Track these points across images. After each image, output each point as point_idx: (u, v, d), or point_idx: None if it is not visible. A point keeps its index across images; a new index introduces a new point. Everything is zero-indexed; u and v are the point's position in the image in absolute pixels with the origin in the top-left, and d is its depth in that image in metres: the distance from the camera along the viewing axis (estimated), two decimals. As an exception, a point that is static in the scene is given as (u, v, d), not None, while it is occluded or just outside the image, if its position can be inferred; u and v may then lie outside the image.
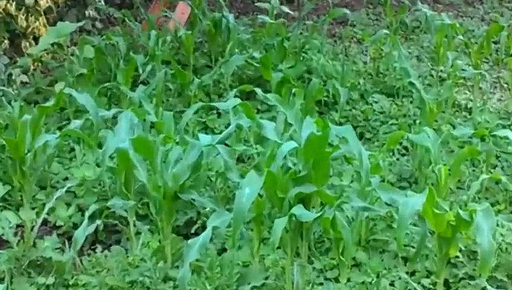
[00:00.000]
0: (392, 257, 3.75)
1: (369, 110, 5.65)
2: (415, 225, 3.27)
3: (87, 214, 3.43)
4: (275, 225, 3.01)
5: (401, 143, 5.00)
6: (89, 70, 5.30)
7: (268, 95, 4.05)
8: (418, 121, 5.10)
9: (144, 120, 4.01)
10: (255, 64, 5.40)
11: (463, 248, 3.72)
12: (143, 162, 3.56)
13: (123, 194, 3.60)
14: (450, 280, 3.63)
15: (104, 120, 4.19)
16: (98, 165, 4.29)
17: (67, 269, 3.57)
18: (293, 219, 3.14)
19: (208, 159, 3.60)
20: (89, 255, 3.80)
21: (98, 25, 7.52)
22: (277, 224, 3.01)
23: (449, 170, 4.06)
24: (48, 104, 3.80)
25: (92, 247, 3.93)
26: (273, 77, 5.07)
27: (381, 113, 5.70)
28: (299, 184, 3.26)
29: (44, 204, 4.01)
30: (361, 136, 5.51)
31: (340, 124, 5.60)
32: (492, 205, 3.74)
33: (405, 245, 3.67)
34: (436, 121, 4.95)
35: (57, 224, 4.15)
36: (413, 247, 3.70)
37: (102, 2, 7.48)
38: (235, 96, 4.66)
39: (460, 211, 3.02)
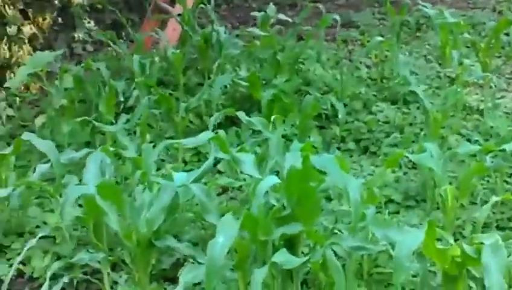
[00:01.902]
0: (399, 291, 3.38)
1: (373, 121, 5.27)
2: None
3: (48, 275, 3.07)
4: (253, 276, 2.64)
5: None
6: (70, 101, 4.97)
7: (253, 119, 3.68)
8: (423, 133, 4.69)
9: (119, 158, 3.66)
10: (243, 83, 5.01)
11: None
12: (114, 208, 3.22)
13: (93, 244, 3.26)
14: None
15: (77, 162, 3.81)
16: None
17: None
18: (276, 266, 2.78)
19: (185, 199, 3.24)
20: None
21: (89, 48, 7.24)
22: (256, 276, 2.64)
23: (457, 188, 3.67)
24: (6, 151, 3.46)
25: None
26: (263, 96, 4.69)
27: (386, 123, 5.32)
28: (284, 224, 2.90)
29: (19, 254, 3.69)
30: (365, 150, 5.16)
31: (343, 138, 5.25)
32: (509, 219, 3.36)
33: (413, 276, 3.30)
34: (444, 128, 4.54)
35: (34, 275, 3.84)
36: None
37: (92, 24, 7.20)
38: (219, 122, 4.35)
39: (466, 246, 2.64)
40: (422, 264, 2.74)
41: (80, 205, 3.94)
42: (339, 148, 5.19)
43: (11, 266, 3.72)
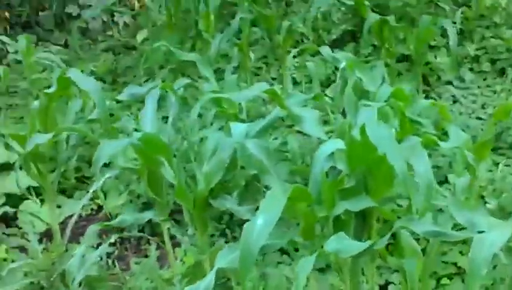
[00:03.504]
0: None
1: (513, 39, 4.53)
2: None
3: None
4: (298, 268, 2.17)
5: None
6: (168, 16, 4.57)
7: (338, 54, 3.11)
8: None
9: (184, 98, 3.22)
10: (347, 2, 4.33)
11: None
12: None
13: (150, 198, 2.91)
14: None
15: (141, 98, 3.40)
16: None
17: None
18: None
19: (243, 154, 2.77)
20: (140, 252, 3.25)
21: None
22: (301, 268, 2.16)
23: None
24: (50, 90, 3.10)
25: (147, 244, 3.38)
26: (368, 16, 4.02)
27: (530, 41, 4.56)
28: (349, 197, 2.40)
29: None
30: (502, 72, 4.46)
31: (477, 57, 4.56)
32: None
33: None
34: None
35: (109, 212, 3.58)
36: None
37: None
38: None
39: None
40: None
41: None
42: (471, 69, 4.53)
43: (91, 199, 3.55)
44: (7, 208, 3.55)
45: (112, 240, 2.83)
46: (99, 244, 2.96)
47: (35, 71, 4.30)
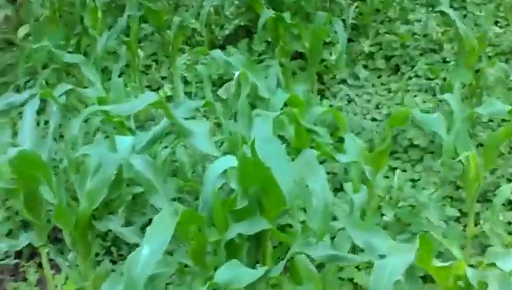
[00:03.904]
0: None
1: (407, 35, 4.46)
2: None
3: None
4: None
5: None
6: (52, 11, 4.29)
7: (231, 58, 2.95)
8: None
9: (66, 106, 3.00)
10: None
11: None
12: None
13: (28, 220, 2.68)
14: None
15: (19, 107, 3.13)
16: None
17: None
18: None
19: (130, 171, 2.58)
20: (18, 275, 3.05)
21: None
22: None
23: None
24: None
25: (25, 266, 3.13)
26: (263, 12, 3.84)
27: (424, 36, 4.50)
28: (243, 218, 2.24)
29: None
30: (397, 69, 4.39)
31: (371, 54, 4.48)
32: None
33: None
34: (481, 58, 3.69)
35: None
36: None
37: None
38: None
39: (470, 271, 1.95)
40: (413, 286, 2.06)
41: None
42: (365, 66, 4.44)
43: None
44: None
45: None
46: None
47: None
